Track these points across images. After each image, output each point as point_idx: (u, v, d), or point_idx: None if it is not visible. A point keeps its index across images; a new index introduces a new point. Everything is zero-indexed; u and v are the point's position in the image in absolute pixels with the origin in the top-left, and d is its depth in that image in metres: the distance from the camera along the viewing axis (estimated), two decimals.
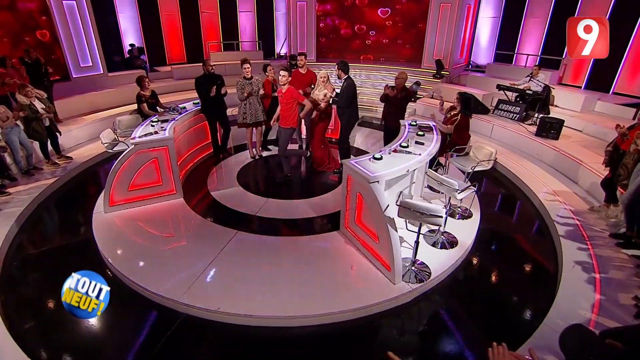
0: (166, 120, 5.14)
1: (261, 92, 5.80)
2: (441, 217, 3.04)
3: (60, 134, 6.03)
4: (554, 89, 8.28)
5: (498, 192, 5.83)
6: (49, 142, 5.83)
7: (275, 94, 5.63)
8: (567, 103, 8.28)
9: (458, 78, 10.57)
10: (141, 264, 3.80)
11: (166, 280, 3.52)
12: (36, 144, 5.74)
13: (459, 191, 3.63)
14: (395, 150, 4.15)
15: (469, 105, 4.86)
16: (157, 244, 4.15)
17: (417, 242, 3.53)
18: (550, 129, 6.61)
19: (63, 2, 7.78)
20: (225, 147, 6.47)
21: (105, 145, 4.88)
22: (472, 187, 3.81)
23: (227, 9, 12.05)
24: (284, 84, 4.99)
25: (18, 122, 5.33)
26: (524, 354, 1.76)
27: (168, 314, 3.28)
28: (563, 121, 6.67)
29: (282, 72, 4.93)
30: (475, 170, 4.35)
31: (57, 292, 3.55)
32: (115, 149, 4.90)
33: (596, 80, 9.17)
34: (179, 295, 3.32)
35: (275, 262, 3.83)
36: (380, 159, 3.88)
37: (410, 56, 12.01)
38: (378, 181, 3.53)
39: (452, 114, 5.06)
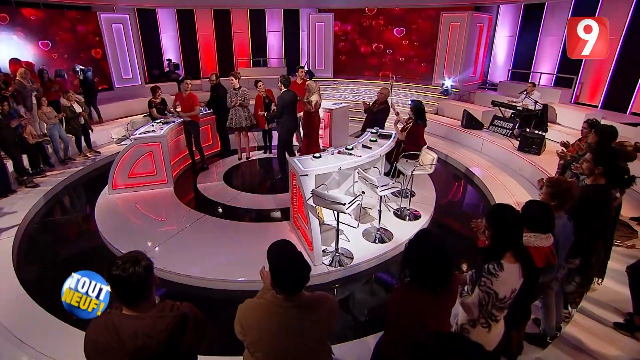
0: (167, 123, 6.15)
1: (242, 101, 6.47)
2: (343, 204, 3.55)
3: (92, 131, 7.35)
4: (542, 105, 8.13)
5: (462, 200, 6.04)
6: (82, 138, 7.15)
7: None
8: (568, 121, 8.16)
9: (468, 95, 10.71)
10: (119, 229, 4.74)
11: (132, 243, 4.36)
12: (73, 139, 7.08)
13: (379, 188, 4.08)
14: (339, 152, 4.70)
15: (421, 114, 5.23)
16: (140, 218, 5.10)
17: (337, 230, 4.03)
18: (532, 144, 6.67)
19: (112, 25, 9.39)
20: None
21: (115, 140, 6.00)
22: (395, 185, 4.24)
23: (257, 29, 13.34)
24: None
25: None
26: None
27: None
28: (544, 136, 6.71)
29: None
30: (414, 173, 4.74)
31: (62, 246, 4.64)
32: (122, 143, 5.98)
33: (613, 99, 8.86)
34: None
35: (224, 240, 4.54)
36: (319, 157, 4.46)
37: (425, 74, 12.34)
38: (307, 175, 4.11)
39: (409, 122, 5.48)
